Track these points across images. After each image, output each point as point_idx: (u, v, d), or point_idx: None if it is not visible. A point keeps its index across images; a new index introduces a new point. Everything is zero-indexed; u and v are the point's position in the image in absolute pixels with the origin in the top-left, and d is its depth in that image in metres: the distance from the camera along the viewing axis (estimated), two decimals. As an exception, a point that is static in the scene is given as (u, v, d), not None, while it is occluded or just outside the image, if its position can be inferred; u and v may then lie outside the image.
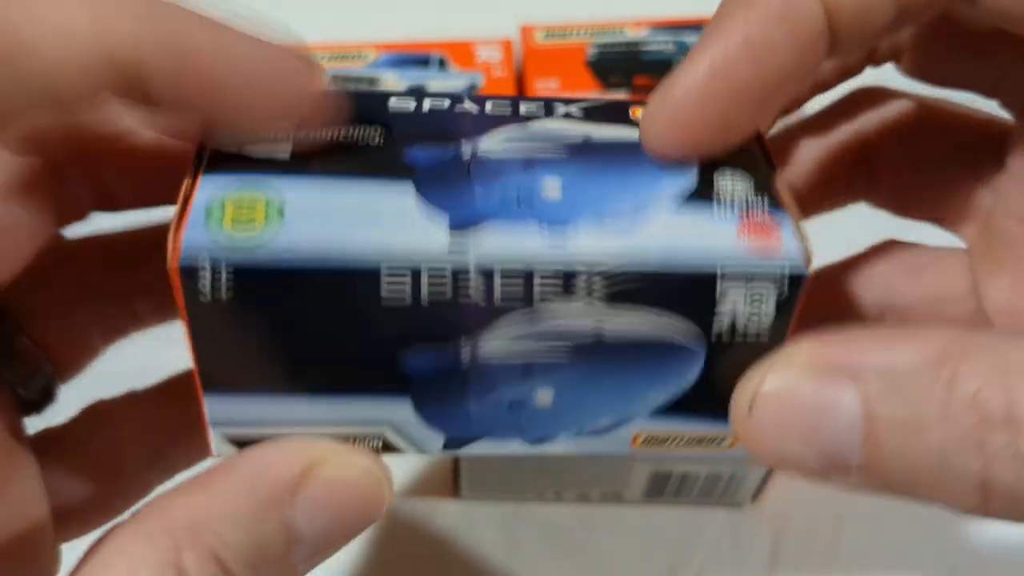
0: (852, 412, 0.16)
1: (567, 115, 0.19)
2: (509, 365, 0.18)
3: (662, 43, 0.46)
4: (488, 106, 0.19)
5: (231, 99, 0.17)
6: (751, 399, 0.17)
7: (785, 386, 0.17)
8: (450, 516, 0.36)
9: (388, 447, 0.19)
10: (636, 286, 0.17)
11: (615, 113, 0.20)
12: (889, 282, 0.24)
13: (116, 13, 0.17)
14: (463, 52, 0.46)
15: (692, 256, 0.17)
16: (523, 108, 0.19)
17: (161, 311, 0.25)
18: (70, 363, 0.24)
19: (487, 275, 0.17)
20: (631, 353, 0.18)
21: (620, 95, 0.43)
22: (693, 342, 0.18)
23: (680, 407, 0.19)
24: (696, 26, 0.46)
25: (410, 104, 0.19)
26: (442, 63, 0.46)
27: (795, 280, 0.17)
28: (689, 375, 0.18)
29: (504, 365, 0.18)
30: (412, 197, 0.17)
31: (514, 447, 0.20)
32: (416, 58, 0.46)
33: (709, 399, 0.19)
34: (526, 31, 0.47)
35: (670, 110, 0.18)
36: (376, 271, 0.17)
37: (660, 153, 0.19)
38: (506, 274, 0.17)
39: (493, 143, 0.18)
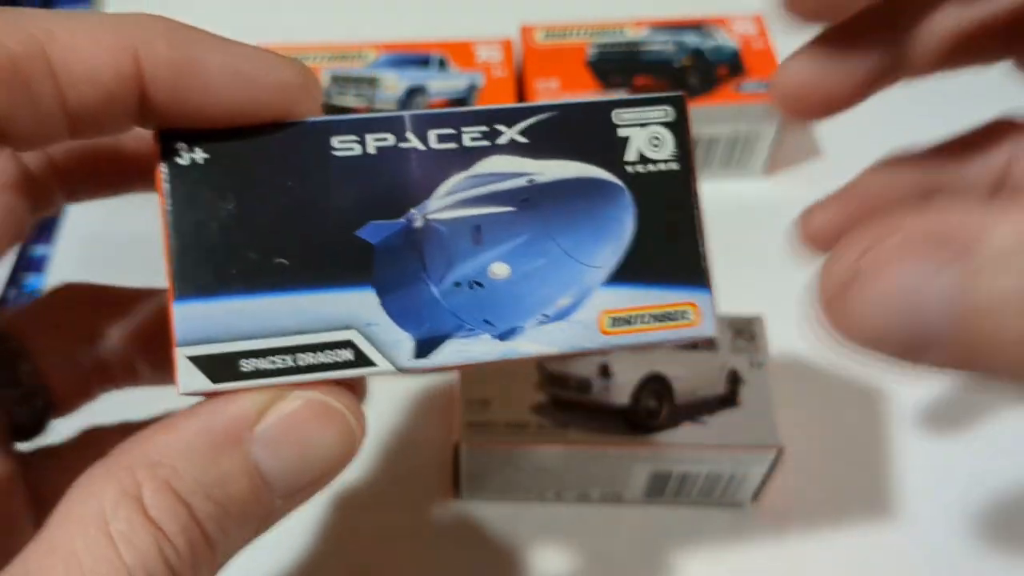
0: (953, 283, 0.16)
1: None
2: (458, 228, 0.20)
3: (662, 43, 0.46)
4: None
5: (231, 107, 0.19)
6: (853, 271, 0.17)
7: (894, 255, 0.16)
8: (450, 516, 0.36)
9: (359, 360, 0.19)
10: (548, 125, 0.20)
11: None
12: (1005, 158, 0.24)
13: (141, 33, 0.18)
14: (463, 52, 0.46)
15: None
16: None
17: (157, 374, 0.26)
18: (66, 401, 0.25)
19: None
20: (564, 199, 0.20)
21: (620, 95, 0.43)
22: (612, 175, 0.20)
23: (632, 271, 0.20)
24: (696, 26, 0.46)
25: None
26: (442, 63, 0.46)
27: (676, 100, 0.21)
28: (625, 220, 0.20)
29: (454, 228, 0.20)
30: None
31: (484, 348, 0.20)
32: (416, 58, 0.46)
33: (655, 258, 0.20)
34: (526, 31, 0.47)
35: None
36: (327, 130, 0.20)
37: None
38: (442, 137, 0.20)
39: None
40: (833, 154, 0.46)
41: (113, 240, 0.42)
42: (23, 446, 0.24)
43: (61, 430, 0.25)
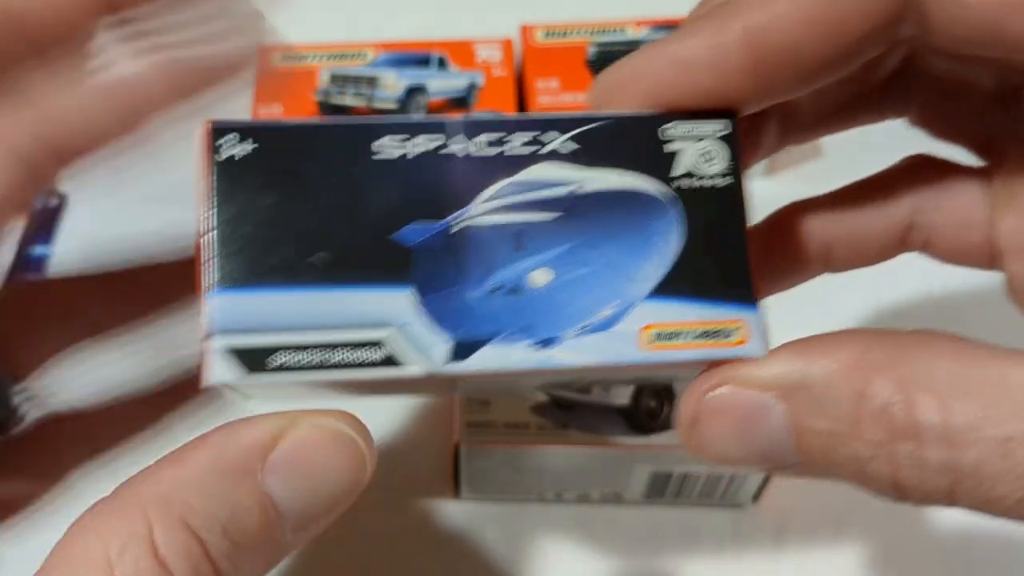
0: (782, 423, 0.19)
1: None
2: (500, 233, 0.20)
3: (662, 42, 0.46)
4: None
5: None
6: (694, 415, 0.19)
7: (723, 403, 0.19)
8: (450, 516, 0.36)
9: (393, 359, 0.19)
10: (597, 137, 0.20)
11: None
12: (916, 201, 0.25)
13: None
14: (463, 51, 0.46)
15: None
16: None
17: (119, 316, 0.25)
18: (24, 370, 0.24)
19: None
20: (610, 209, 0.20)
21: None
22: (660, 188, 0.20)
23: (677, 285, 0.20)
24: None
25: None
26: (442, 62, 0.46)
27: (728, 117, 0.21)
28: (671, 233, 0.20)
29: (495, 233, 0.19)
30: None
31: (521, 355, 0.19)
32: (416, 57, 0.46)
33: (702, 274, 0.20)
34: (526, 31, 0.47)
35: (605, 89, 0.21)
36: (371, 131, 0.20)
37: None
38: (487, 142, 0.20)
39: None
40: (834, 154, 0.46)
41: (113, 240, 0.42)
42: None
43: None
